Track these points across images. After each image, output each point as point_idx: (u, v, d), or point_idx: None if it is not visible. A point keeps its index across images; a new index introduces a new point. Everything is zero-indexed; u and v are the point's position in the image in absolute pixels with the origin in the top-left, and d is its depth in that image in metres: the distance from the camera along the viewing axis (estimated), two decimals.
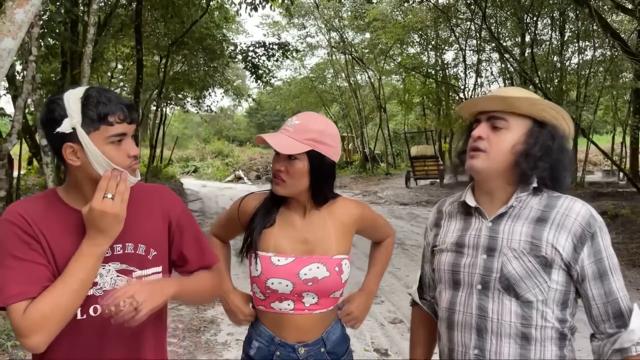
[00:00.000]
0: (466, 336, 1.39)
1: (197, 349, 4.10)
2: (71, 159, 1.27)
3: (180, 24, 14.01)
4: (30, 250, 1.24)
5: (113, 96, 1.27)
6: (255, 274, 1.62)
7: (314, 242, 1.64)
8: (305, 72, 29.93)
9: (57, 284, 1.22)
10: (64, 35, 8.73)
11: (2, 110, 8.08)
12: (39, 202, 1.33)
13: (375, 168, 26.03)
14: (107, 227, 1.24)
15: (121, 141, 1.28)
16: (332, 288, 1.63)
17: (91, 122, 1.24)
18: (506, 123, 1.37)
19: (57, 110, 1.25)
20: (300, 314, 1.63)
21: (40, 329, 1.19)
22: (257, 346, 1.67)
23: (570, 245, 1.31)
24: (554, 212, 1.35)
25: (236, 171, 26.68)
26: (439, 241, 1.52)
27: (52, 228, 1.28)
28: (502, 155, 1.36)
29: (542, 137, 1.36)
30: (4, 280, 1.22)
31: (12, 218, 1.27)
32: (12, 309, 1.20)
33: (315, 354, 1.65)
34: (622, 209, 9.98)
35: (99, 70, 15.00)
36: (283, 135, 1.58)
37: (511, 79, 19.46)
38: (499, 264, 1.35)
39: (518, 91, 1.40)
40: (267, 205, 1.68)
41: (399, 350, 4.06)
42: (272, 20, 26.56)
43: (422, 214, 12.30)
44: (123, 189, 1.26)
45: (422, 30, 21.99)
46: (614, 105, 20.50)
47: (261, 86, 18.92)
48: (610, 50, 15.49)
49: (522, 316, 1.33)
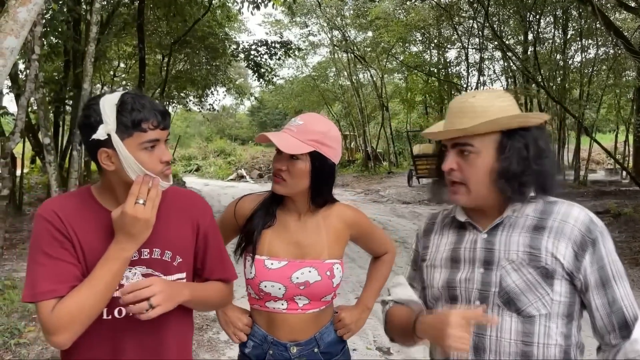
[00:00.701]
0: (463, 356, 1.30)
1: (200, 347, 4.11)
2: (106, 164, 1.29)
3: (182, 23, 14.02)
4: (62, 249, 1.28)
5: (147, 102, 1.29)
6: (249, 276, 1.64)
7: (306, 245, 1.65)
8: (308, 71, 29.93)
9: (84, 286, 1.25)
10: (66, 34, 8.76)
11: (5, 109, 8.11)
12: (74, 200, 1.37)
13: (378, 167, 26.01)
14: (137, 233, 1.27)
15: (154, 147, 1.30)
16: (323, 292, 1.64)
17: (125, 128, 1.26)
18: (472, 147, 1.28)
19: (93, 116, 1.27)
20: (293, 314, 1.65)
21: (66, 328, 1.23)
22: (251, 345, 1.70)
23: (571, 253, 1.23)
24: (550, 219, 1.28)
25: (238, 170, 26.70)
26: (430, 257, 1.44)
27: (84, 227, 1.31)
28: (481, 184, 1.28)
29: (516, 150, 1.25)
30: (36, 277, 1.26)
31: (46, 215, 1.29)
32: (41, 305, 1.24)
33: (308, 353, 1.67)
34: (625, 207, 9.97)
35: (102, 69, 15.03)
36: (286, 135, 1.59)
37: (514, 77, 19.45)
38: (498, 278, 1.27)
39: (473, 111, 1.28)
40: (267, 205, 1.68)
41: (401, 349, 4.07)
42: (274, 18, 26.56)
43: (425, 212, 12.28)
44: (154, 195, 1.28)
45: (424, 28, 21.97)
46: (617, 104, 20.47)
47: (263, 85, 18.93)
48: (614, 49, 15.45)
49: (524, 333, 1.24)
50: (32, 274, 1.26)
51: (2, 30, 2.72)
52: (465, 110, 1.30)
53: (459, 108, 1.32)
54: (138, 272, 1.35)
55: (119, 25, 12.70)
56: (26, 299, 1.27)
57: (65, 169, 8.83)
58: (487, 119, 1.26)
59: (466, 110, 1.30)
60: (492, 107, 1.28)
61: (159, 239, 1.37)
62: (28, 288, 1.26)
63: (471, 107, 1.29)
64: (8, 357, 3.75)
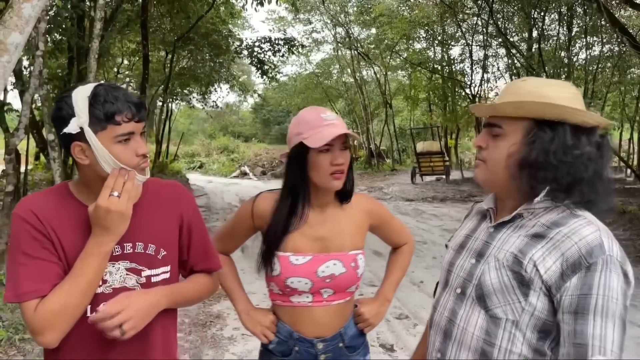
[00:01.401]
0: (435, 337, 1.34)
1: (204, 343, 4.11)
2: (80, 158, 1.26)
3: (186, 20, 14.04)
4: (41, 248, 1.25)
5: (121, 94, 1.25)
6: (273, 273, 1.62)
7: (329, 238, 1.64)
8: (311, 68, 29.93)
9: (65, 283, 1.24)
10: (70, 30, 8.76)
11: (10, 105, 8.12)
12: (51, 197, 1.33)
13: (381, 164, 26.00)
14: (112, 225, 1.24)
15: (129, 140, 1.26)
16: (348, 283, 1.65)
17: (98, 121, 1.23)
18: (501, 130, 1.24)
19: (65, 108, 1.24)
20: (318, 306, 1.64)
21: (51, 327, 1.21)
22: (276, 341, 1.68)
23: (557, 270, 1.12)
24: (555, 230, 1.17)
25: (241, 167, 26.71)
26: (452, 238, 1.47)
27: (63, 224, 1.29)
28: (498, 166, 1.24)
29: (539, 140, 1.17)
30: (17, 277, 1.24)
31: (23, 214, 1.27)
32: (24, 306, 1.22)
33: (334, 349, 1.66)
34: (630, 205, 9.93)
35: (105, 66, 15.05)
36: (343, 127, 1.59)
37: (518, 74, 19.37)
38: (480, 271, 1.25)
39: (516, 92, 1.23)
40: (291, 204, 1.64)
41: (405, 346, 4.07)
42: (277, 15, 26.56)
43: (428, 210, 12.28)
44: (130, 187, 1.25)
45: (428, 25, 21.93)
46: (621, 102, 20.40)
47: (267, 82, 18.95)
48: (619, 46, 15.39)
49: (487, 332, 1.21)
50: (14, 274, 1.24)
51: (7, 26, 2.72)
52: (511, 91, 1.25)
53: (508, 88, 1.27)
54: (122, 267, 1.33)
55: (122, 22, 12.71)
56: (9, 300, 1.24)
57: (69, 166, 8.85)
58: (524, 101, 1.20)
59: (511, 91, 1.25)
60: (535, 92, 1.20)
61: (141, 233, 1.34)
62: (10, 289, 1.24)
63: (516, 89, 1.24)
64: (12, 352, 3.76)
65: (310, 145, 1.53)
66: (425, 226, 9.84)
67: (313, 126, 1.56)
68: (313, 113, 1.61)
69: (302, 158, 1.58)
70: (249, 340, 4.04)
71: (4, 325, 4.05)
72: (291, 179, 1.61)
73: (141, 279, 1.35)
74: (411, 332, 4.35)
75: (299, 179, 1.60)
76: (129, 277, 1.33)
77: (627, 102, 20.67)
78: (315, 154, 1.56)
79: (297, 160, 1.59)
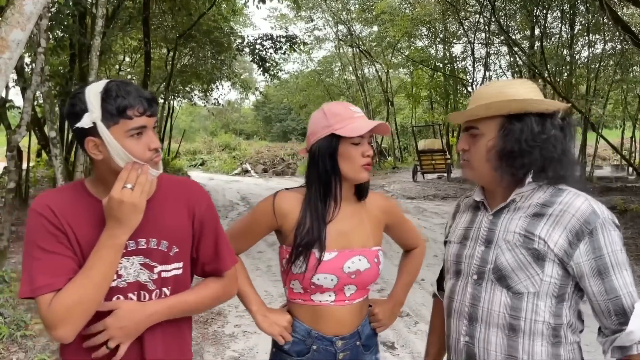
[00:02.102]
0: (459, 323, 1.44)
1: (205, 340, 4.12)
2: (93, 153, 1.28)
3: (187, 17, 14.02)
4: (57, 243, 1.27)
5: (133, 89, 1.27)
6: (298, 271, 1.59)
7: (351, 234, 1.64)
8: (313, 66, 29.90)
9: (79, 277, 1.24)
10: (72, 27, 8.76)
11: (11, 103, 8.13)
12: (67, 193, 1.35)
13: (383, 162, 25.98)
14: (125, 217, 1.25)
15: (141, 134, 1.28)
16: (371, 279, 1.65)
17: (110, 116, 1.25)
18: (477, 130, 1.41)
19: (78, 104, 1.26)
20: (340, 306, 1.63)
21: (66, 321, 1.22)
22: (292, 341, 1.65)
23: (565, 242, 1.29)
24: (552, 208, 1.34)
25: (243, 164, 26.72)
26: (450, 233, 1.59)
27: (78, 220, 1.30)
28: (481, 161, 1.40)
29: (511, 132, 1.35)
30: (32, 271, 1.25)
31: (39, 209, 1.29)
32: (39, 300, 1.23)
33: (352, 347, 1.66)
34: (632, 203, 9.92)
35: (107, 63, 15.05)
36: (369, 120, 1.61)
37: (520, 72, 19.33)
38: (494, 255, 1.37)
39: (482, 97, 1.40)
40: (324, 196, 1.62)
41: (406, 343, 4.07)
42: (279, 13, 26.54)
43: (429, 207, 12.28)
44: (143, 181, 1.27)
45: (430, 23, 21.88)
46: (623, 100, 20.36)
47: (268, 79, 18.88)
48: (621, 44, 15.34)
49: (512, 307, 1.34)
50: (29, 269, 1.25)
51: (9, 23, 2.72)
52: (476, 97, 1.42)
53: (475, 95, 1.44)
54: (136, 262, 1.34)
55: (124, 19, 12.69)
56: (24, 295, 1.25)
57: (71, 163, 8.86)
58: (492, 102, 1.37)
59: (478, 96, 1.42)
60: (499, 94, 1.38)
61: (154, 229, 1.35)
62: (25, 284, 1.25)
63: (481, 93, 1.42)
64: (14, 349, 3.78)
65: (346, 135, 1.54)
66: (426, 224, 9.84)
67: (344, 117, 1.57)
68: (341, 106, 1.62)
69: (334, 149, 1.57)
70: (250, 337, 4.05)
71: (6, 321, 4.06)
72: (322, 170, 1.59)
73: (153, 275, 1.36)
74: (412, 329, 4.36)
75: (331, 169, 1.58)
76: (142, 272, 1.35)
77: (629, 100, 20.64)
78: (347, 146, 1.56)
79: (328, 151, 1.57)
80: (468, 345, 1.40)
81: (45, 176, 14.98)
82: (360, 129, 1.55)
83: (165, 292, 1.38)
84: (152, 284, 1.36)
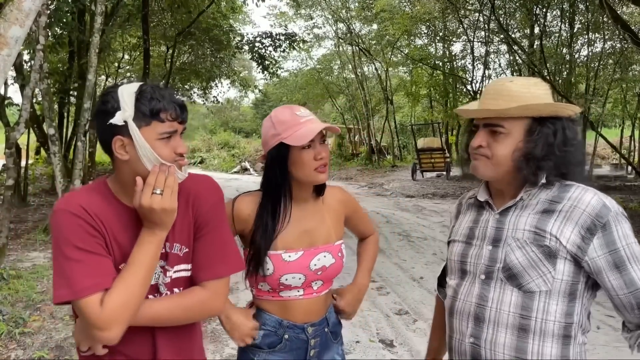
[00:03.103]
0: (463, 324, 1.42)
1: (204, 337, 4.10)
2: (120, 153, 1.26)
3: (187, 14, 14.00)
4: (96, 244, 1.24)
5: (167, 94, 1.27)
6: (265, 273, 1.61)
7: (314, 231, 1.68)
8: (312, 64, 29.82)
9: (125, 273, 1.23)
10: (71, 24, 8.74)
11: (10, 100, 8.12)
12: (93, 194, 1.31)
13: (382, 160, 25.97)
14: (159, 221, 1.26)
15: (170, 138, 1.28)
16: (337, 272, 1.71)
17: (143, 116, 1.24)
18: (503, 128, 1.36)
19: (110, 102, 1.25)
20: (309, 298, 1.68)
21: (120, 320, 1.19)
22: (262, 334, 1.68)
23: (577, 237, 1.27)
24: (561, 204, 1.32)
25: (242, 162, 26.72)
26: (454, 233, 1.57)
27: (110, 222, 1.29)
28: (504, 161, 1.36)
29: (543, 136, 1.33)
30: (72, 273, 1.19)
31: (74, 210, 1.24)
32: (86, 302, 1.18)
33: (321, 333, 1.71)
34: (631, 202, 9.93)
35: (106, 60, 15.05)
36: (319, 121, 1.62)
37: (519, 71, 19.33)
38: (503, 254, 1.35)
39: (509, 94, 1.35)
40: (275, 203, 1.65)
41: (404, 341, 4.07)
42: (279, 10, 26.47)
43: (428, 206, 12.28)
44: (172, 182, 1.26)
45: (429, 21, 21.83)
46: (623, 99, 20.36)
47: (268, 77, 18.86)
48: (621, 43, 15.34)
49: (522, 307, 1.31)
50: (67, 271, 1.19)
51: (7, 20, 2.71)
52: (502, 93, 1.36)
53: (496, 90, 1.38)
54: (158, 265, 1.33)
55: (123, 16, 12.67)
56: (63, 299, 1.19)
57: (69, 160, 8.85)
58: (522, 103, 1.33)
59: (503, 93, 1.36)
60: (528, 93, 1.35)
61: (171, 232, 1.34)
62: (64, 287, 1.18)
63: (507, 91, 1.36)
64: (13, 346, 3.77)
65: (292, 144, 1.54)
66: (425, 222, 9.84)
67: (290, 125, 1.57)
68: (287, 112, 1.61)
69: (283, 157, 1.59)
70: None
71: (4, 318, 4.06)
72: (272, 178, 1.63)
73: (166, 278, 1.35)
74: (411, 327, 4.36)
75: (280, 177, 1.61)
76: (160, 275, 1.35)
77: (628, 99, 20.63)
78: (297, 152, 1.57)
79: (278, 160, 1.60)
80: (473, 346, 1.38)
81: (44, 174, 14.97)
82: (307, 136, 1.53)
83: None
84: (164, 287, 1.35)
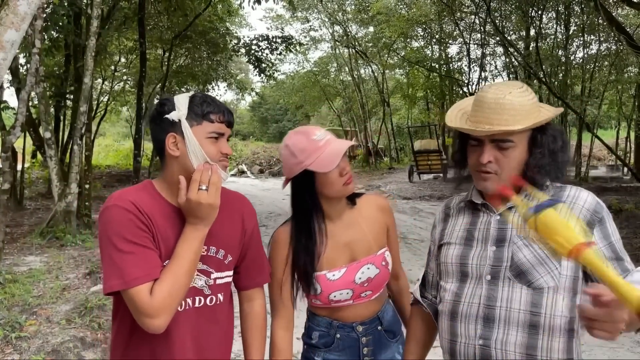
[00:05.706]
0: (470, 327, 1.40)
1: None
2: (172, 149, 1.38)
3: (183, 17, 13.98)
4: (146, 238, 1.33)
5: (217, 101, 1.42)
6: (315, 292, 1.66)
7: (354, 244, 1.69)
8: (309, 66, 29.86)
9: (172, 266, 1.32)
10: (67, 28, 8.73)
11: (6, 103, 8.10)
12: (142, 193, 1.41)
13: (379, 162, 26.01)
14: (204, 216, 1.35)
15: (217, 139, 1.40)
16: (384, 281, 1.73)
17: (195, 116, 1.38)
18: (512, 144, 1.36)
19: (167, 105, 1.39)
20: (359, 303, 1.71)
21: (168, 308, 1.29)
22: (317, 335, 1.74)
23: None
24: (561, 202, 1.34)
25: (239, 165, 26.71)
26: (446, 235, 1.54)
27: (156, 219, 1.37)
28: (512, 173, 1.39)
29: (547, 143, 1.37)
30: (123, 265, 1.27)
31: (124, 205, 1.33)
32: (137, 291, 1.26)
33: (373, 331, 1.73)
34: (626, 203, 9.96)
35: (102, 64, 15.02)
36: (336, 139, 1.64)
37: (515, 73, 19.39)
38: (509, 253, 1.37)
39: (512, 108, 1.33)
40: (307, 226, 1.65)
41: None
42: (275, 13, 26.50)
43: (425, 208, 12.29)
44: (216, 180, 1.36)
45: (426, 23, 21.91)
46: (618, 100, 20.43)
47: (264, 80, 18.87)
48: (616, 44, 15.41)
49: (532, 304, 1.34)
50: (118, 262, 1.27)
51: (3, 23, 2.71)
52: (506, 108, 1.34)
53: (498, 104, 1.35)
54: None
55: (119, 19, 12.64)
56: (116, 288, 1.27)
57: (66, 164, 8.84)
58: (527, 116, 1.34)
59: (506, 108, 1.34)
60: (527, 104, 1.36)
61: (215, 238, 1.43)
62: (113, 277, 1.27)
63: (510, 105, 1.34)
64: (9, 351, 3.75)
65: (320, 171, 1.57)
66: (422, 224, 9.85)
67: (311, 151, 1.58)
68: (303, 139, 1.61)
69: (311, 184, 1.62)
70: None
71: (0, 323, 4.04)
72: (302, 203, 1.65)
73: (209, 280, 1.45)
74: None
75: (310, 202, 1.64)
76: (199, 277, 1.43)
77: (624, 101, 20.69)
78: (323, 174, 1.60)
79: (305, 185, 1.63)
80: (483, 348, 1.37)
81: (40, 177, 14.94)
82: (333, 161, 1.56)
83: (219, 298, 1.47)
84: (208, 289, 1.45)
